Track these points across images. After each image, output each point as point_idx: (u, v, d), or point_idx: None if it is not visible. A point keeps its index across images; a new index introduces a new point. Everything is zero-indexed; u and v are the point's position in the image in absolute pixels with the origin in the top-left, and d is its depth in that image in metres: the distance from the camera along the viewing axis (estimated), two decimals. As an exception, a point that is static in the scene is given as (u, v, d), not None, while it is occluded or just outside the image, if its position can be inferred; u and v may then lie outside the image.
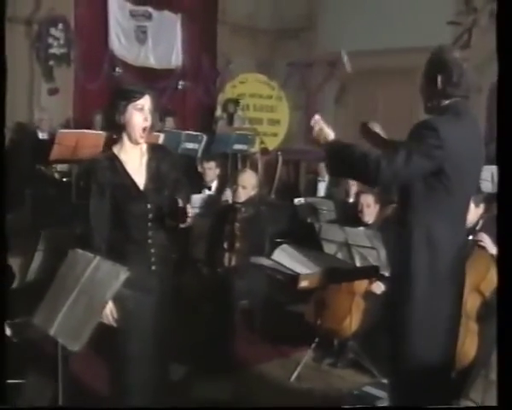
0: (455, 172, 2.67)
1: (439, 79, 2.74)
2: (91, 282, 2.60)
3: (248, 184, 4.88)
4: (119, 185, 2.89)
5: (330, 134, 2.83)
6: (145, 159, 2.98)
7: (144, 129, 2.90)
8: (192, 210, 2.87)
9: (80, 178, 3.20)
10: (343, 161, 2.78)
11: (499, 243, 2.30)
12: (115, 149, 2.95)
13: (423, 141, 2.62)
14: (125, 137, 2.92)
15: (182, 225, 2.88)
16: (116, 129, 2.94)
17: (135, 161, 2.95)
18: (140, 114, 2.88)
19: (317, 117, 2.86)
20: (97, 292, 2.57)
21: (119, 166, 2.91)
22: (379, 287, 4.51)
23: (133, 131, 2.89)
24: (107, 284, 2.55)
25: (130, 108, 2.87)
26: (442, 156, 2.62)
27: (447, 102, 2.76)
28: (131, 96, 2.88)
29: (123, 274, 2.55)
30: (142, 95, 2.90)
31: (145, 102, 2.90)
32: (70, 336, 2.54)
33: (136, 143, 2.92)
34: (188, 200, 3.01)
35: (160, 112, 3.06)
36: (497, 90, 2.27)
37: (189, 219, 2.83)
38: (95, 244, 2.83)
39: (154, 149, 3.03)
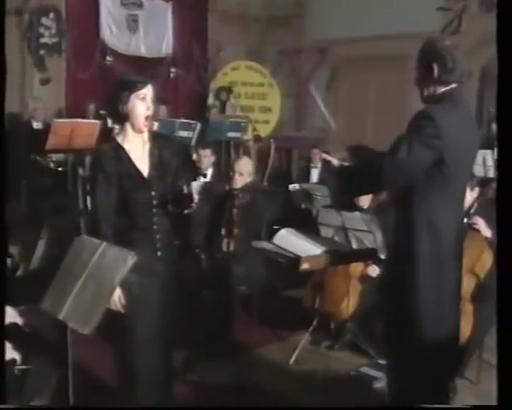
0: (453, 160, 2.73)
1: (435, 67, 2.80)
2: (99, 267, 2.65)
3: (245, 170, 4.94)
4: (124, 174, 2.94)
5: (333, 160, 2.93)
6: (147, 147, 3.03)
7: (147, 118, 2.95)
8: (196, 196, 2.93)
9: (89, 168, 3.25)
10: (348, 177, 2.91)
11: (498, 227, 2.36)
12: (119, 139, 3.00)
13: (422, 131, 2.68)
14: (129, 127, 2.97)
15: (186, 211, 2.94)
16: (119, 119, 2.99)
17: (138, 149, 3.00)
18: (143, 103, 2.92)
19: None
20: (105, 277, 2.62)
21: (123, 155, 2.96)
22: (374, 270, 4.60)
23: (136, 121, 2.94)
24: (115, 269, 2.60)
25: (133, 97, 2.92)
26: (441, 145, 2.69)
27: (443, 89, 2.82)
28: (134, 86, 2.93)
29: (130, 259, 2.60)
30: (144, 84, 2.94)
31: (147, 91, 2.94)
32: (80, 320, 2.59)
33: (140, 131, 2.97)
34: (190, 186, 3.07)
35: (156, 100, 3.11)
36: (497, 75, 2.32)
37: (194, 205, 2.90)
38: (102, 232, 2.89)
39: (155, 137, 3.08)
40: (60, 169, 6.95)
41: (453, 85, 2.82)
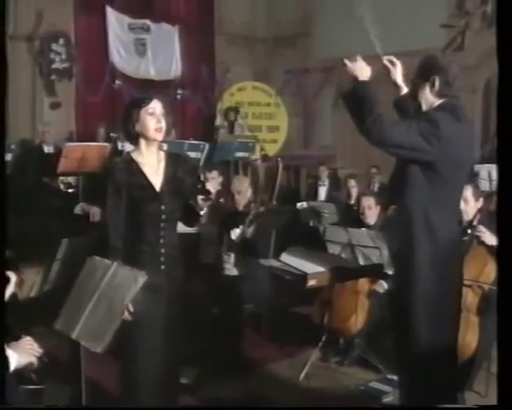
0: (448, 165, 2.85)
1: (437, 80, 2.92)
2: (110, 286, 2.73)
3: (243, 188, 5.00)
4: (135, 185, 3.02)
5: (364, 74, 2.99)
6: (162, 164, 3.10)
7: (158, 130, 3.01)
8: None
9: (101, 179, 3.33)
10: (358, 100, 2.96)
11: (499, 239, 2.41)
12: (133, 154, 3.09)
13: (423, 128, 2.81)
14: (142, 142, 3.05)
15: (203, 209, 3.01)
16: (134, 138, 3.08)
17: (152, 164, 3.08)
18: (152, 117, 3.00)
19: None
20: (117, 296, 2.70)
21: (135, 167, 3.04)
22: (382, 286, 4.64)
23: (148, 133, 3.01)
24: (126, 289, 2.68)
25: (143, 113, 3.00)
26: (437, 147, 2.80)
27: (440, 101, 2.94)
28: (141, 102, 3.02)
29: (141, 278, 2.68)
30: (150, 99, 3.03)
31: (155, 105, 3.02)
32: (92, 339, 2.67)
33: (153, 140, 3.04)
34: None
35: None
36: (497, 89, 2.39)
37: (212, 196, 2.95)
38: (111, 242, 2.96)
39: (171, 156, 3.16)
40: (70, 191, 7.05)
41: (449, 98, 2.92)
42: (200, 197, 2.96)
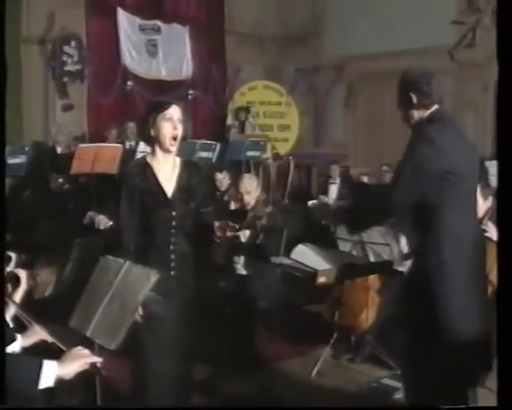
0: (459, 172, 2.82)
1: (413, 95, 2.90)
2: (124, 285, 2.77)
3: (251, 188, 4.99)
4: (147, 191, 3.05)
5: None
6: (177, 171, 3.11)
7: (174, 138, 3.02)
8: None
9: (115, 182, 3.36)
10: (355, 212, 3.02)
11: (499, 237, 2.41)
12: (148, 158, 3.12)
13: (424, 151, 2.79)
14: (157, 148, 3.07)
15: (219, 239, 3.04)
16: (149, 141, 3.11)
17: (167, 170, 3.10)
18: (169, 123, 3.00)
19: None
20: (130, 294, 2.74)
21: (149, 172, 3.07)
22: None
23: (164, 140, 3.02)
24: (139, 287, 2.72)
25: (160, 118, 3.02)
26: (445, 160, 2.79)
27: (427, 113, 2.92)
28: (160, 108, 3.04)
29: (153, 277, 2.72)
30: (169, 105, 3.04)
31: (173, 111, 3.02)
32: (106, 336, 2.71)
33: (167, 151, 3.05)
34: (217, 215, 3.17)
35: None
36: (497, 87, 2.40)
37: (229, 234, 2.99)
38: (124, 244, 3.02)
39: (187, 164, 3.18)
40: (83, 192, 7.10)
41: (436, 107, 2.91)
42: (216, 226, 2.99)
